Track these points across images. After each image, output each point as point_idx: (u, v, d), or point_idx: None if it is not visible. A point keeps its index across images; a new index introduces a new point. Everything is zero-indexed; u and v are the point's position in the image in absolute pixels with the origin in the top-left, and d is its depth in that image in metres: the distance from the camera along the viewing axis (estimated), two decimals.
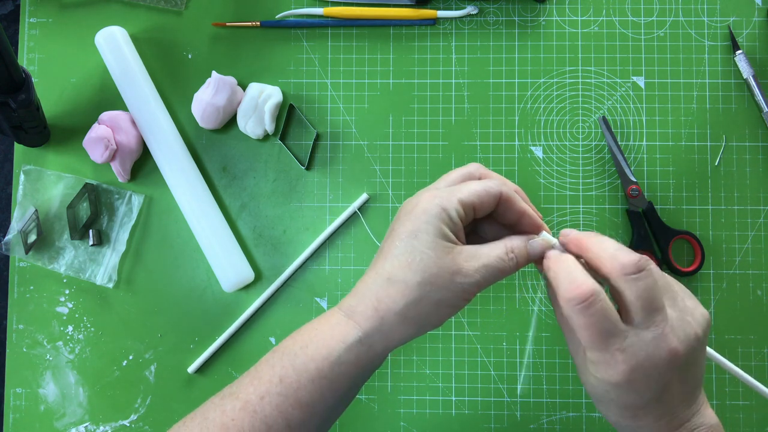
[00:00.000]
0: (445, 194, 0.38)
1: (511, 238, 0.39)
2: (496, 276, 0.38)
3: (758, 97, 0.57)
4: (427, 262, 0.37)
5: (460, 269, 0.37)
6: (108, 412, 0.58)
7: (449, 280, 0.37)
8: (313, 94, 0.60)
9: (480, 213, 0.39)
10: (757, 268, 0.57)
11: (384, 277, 0.37)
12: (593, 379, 0.36)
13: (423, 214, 0.37)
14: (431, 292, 0.37)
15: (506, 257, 0.38)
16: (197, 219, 0.57)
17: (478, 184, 0.39)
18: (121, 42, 0.59)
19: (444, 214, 0.37)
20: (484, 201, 0.38)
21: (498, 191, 0.39)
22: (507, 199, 0.39)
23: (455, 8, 0.60)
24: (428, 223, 0.37)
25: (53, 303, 0.59)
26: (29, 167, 0.60)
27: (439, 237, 0.37)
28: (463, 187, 0.39)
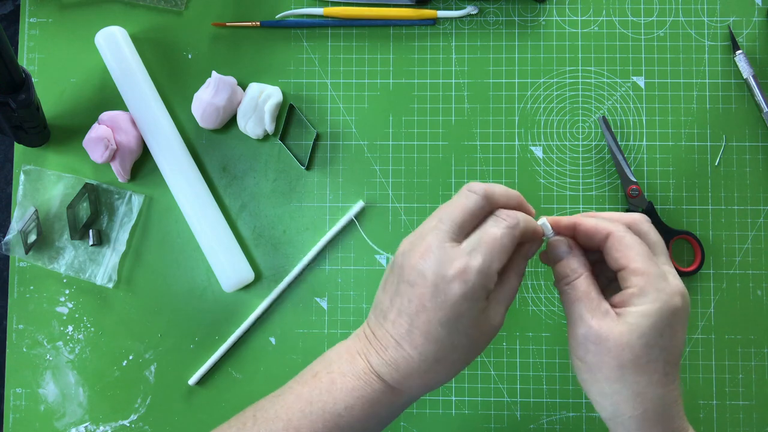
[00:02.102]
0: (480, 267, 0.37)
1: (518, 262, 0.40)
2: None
3: (758, 97, 0.57)
4: (470, 339, 0.38)
5: (493, 325, 0.39)
6: (108, 412, 0.58)
7: (486, 340, 0.39)
8: (313, 94, 0.60)
9: None
10: (757, 268, 0.57)
11: (433, 359, 0.37)
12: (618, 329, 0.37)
13: (462, 300, 0.36)
14: (473, 354, 0.39)
15: (518, 285, 0.40)
16: (197, 219, 0.57)
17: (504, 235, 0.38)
18: (121, 42, 0.59)
19: (484, 292, 0.37)
20: (510, 251, 0.38)
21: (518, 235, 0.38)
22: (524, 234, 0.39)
23: (455, 8, 0.60)
24: (471, 309, 0.37)
25: (53, 303, 0.59)
26: (29, 167, 0.60)
27: (479, 314, 0.37)
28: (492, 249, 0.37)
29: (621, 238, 0.38)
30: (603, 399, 0.38)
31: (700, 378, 0.57)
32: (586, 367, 0.38)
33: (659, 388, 0.37)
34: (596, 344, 0.37)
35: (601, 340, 0.37)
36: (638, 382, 0.37)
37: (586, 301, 0.38)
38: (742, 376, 0.57)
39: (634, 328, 0.36)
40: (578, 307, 0.38)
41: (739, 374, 0.57)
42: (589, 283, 0.39)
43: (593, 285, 0.39)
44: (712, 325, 0.57)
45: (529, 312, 0.58)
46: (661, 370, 0.37)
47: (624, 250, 0.38)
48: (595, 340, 0.37)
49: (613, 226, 0.39)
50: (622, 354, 0.36)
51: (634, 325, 0.36)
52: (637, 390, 0.37)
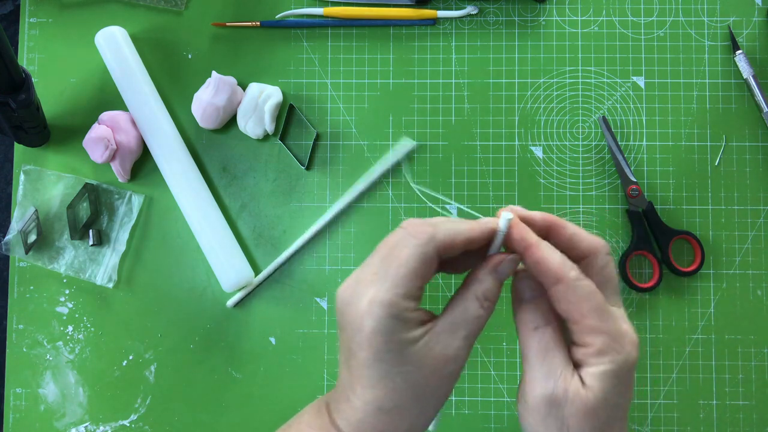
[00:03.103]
0: (384, 295, 0.32)
1: (476, 282, 0.35)
2: (479, 332, 0.34)
3: (758, 97, 0.57)
4: (410, 378, 0.32)
5: (446, 359, 0.33)
6: (108, 412, 0.58)
7: (440, 377, 0.33)
8: (313, 94, 0.60)
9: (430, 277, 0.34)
10: (757, 268, 0.57)
11: (374, 407, 0.33)
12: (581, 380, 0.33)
13: (377, 332, 0.32)
14: (430, 396, 0.33)
15: (483, 311, 0.34)
16: (197, 219, 0.57)
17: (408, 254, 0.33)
18: (121, 42, 0.59)
19: (397, 323, 0.32)
20: (428, 272, 0.33)
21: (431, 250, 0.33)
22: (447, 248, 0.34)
23: (455, 8, 0.60)
24: (389, 342, 0.32)
25: (53, 303, 0.59)
26: (29, 167, 0.60)
27: (407, 347, 0.32)
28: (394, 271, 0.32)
29: (574, 288, 0.33)
30: None
31: (700, 378, 0.57)
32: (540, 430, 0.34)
33: None
34: (557, 408, 0.33)
35: (565, 405, 0.32)
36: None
37: (550, 355, 0.33)
38: (742, 376, 0.57)
39: (597, 392, 0.32)
40: (546, 359, 0.33)
41: (739, 374, 0.57)
42: (557, 338, 0.34)
43: (560, 339, 0.34)
44: (712, 325, 0.57)
45: None
46: (620, 425, 0.34)
47: (577, 302, 0.33)
48: (559, 403, 0.33)
49: (564, 269, 0.33)
50: (585, 421, 0.32)
51: (597, 390, 0.32)
52: None
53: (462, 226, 0.34)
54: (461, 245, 0.34)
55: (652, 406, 0.57)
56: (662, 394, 0.57)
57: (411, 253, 0.33)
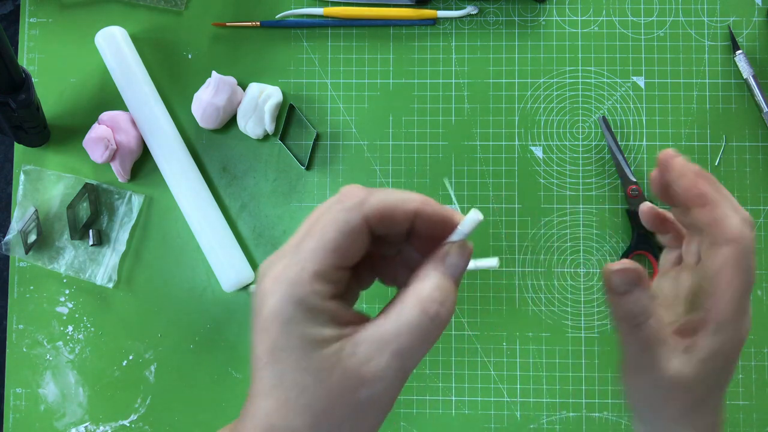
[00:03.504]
0: (290, 271, 0.25)
1: (417, 279, 0.26)
2: (427, 348, 0.25)
3: (758, 97, 0.57)
4: (308, 394, 0.24)
5: (362, 378, 0.24)
6: (108, 412, 0.58)
7: (351, 404, 0.24)
8: (313, 94, 0.60)
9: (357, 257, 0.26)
10: (757, 268, 0.57)
11: (266, 424, 0.26)
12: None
13: (274, 318, 0.25)
14: (334, 429, 0.25)
15: (427, 318, 0.25)
16: (197, 219, 0.57)
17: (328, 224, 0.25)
18: (121, 42, 0.59)
19: (298, 310, 0.25)
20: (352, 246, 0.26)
21: (359, 219, 0.25)
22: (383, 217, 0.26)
23: (455, 8, 0.60)
24: (287, 334, 0.25)
25: (53, 303, 0.59)
26: (29, 167, 0.60)
27: (311, 349, 0.24)
28: (308, 243, 0.25)
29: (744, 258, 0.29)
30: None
31: None
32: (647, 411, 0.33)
33: (715, 417, 0.33)
34: (667, 390, 0.32)
35: (672, 386, 0.31)
36: (702, 420, 0.33)
37: (660, 345, 0.31)
38: (742, 376, 0.57)
39: (705, 369, 0.31)
40: (652, 353, 0.31)
41: (739, 374, 0.57)
42: (660, 320, 0.32)
43: (662, 320, 0.32)
44: None
45: (529, 312, 0.58)
46: (719, 402, 0.33)
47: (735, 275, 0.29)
48: (666, 386, 0.31)
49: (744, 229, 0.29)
50: (688, 397, 0.31)
51: (706, 367, 0.31)
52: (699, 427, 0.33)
53: (410, 196, 0.26)
54: (402, 219, 0.26)
55: None
56: None
57: (332, 218, 0.25)
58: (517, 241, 0.58)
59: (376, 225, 0.26)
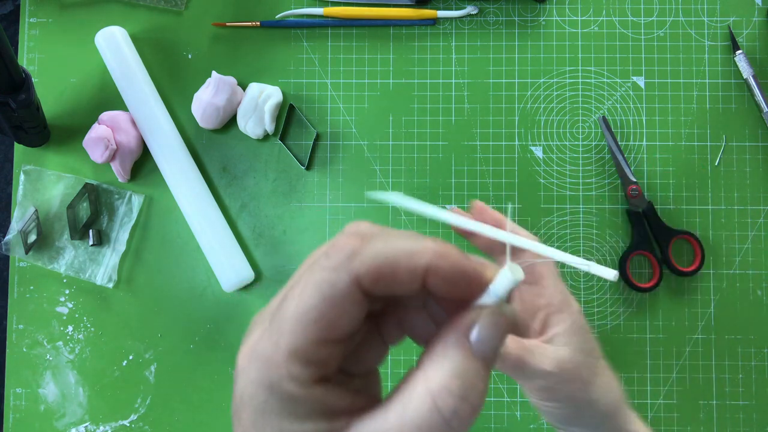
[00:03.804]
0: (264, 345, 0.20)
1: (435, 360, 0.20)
2: None
3: (758, 97, 0.57)
4: None
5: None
6: (108, 412, 0.58)
7: None
8: (313, 94, 0.60)
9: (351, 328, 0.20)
10: (757, 268, 0.57)
11: None
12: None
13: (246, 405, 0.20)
14: None
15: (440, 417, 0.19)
16: (197, 219, 0.57)
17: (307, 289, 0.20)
18: (121, 42, 0.59)
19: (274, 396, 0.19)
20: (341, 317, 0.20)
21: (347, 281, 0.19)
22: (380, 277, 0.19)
23: (455, 8, 0.60)
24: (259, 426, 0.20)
25: (53, 303, 0.59)
26: (29, 167, 0.60)
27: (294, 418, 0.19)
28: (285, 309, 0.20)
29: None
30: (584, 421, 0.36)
31: (700, 378, 0.57)
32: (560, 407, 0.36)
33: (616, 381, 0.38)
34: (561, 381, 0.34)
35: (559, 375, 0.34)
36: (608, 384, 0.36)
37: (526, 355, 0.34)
38: (742, 376, 0.57)
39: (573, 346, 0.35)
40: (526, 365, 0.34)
41: (739, 374, 0.57)
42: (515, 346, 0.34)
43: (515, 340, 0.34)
44: (712, 325, 0.57)
45: None
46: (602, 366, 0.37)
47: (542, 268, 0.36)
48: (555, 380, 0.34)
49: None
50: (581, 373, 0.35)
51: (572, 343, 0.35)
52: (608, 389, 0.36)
53: (420, 245, 0.20)
54: (407, 278, 0.20)
55: (652, 406, 0.57)
56: (662, 394, 0.57)
57: (313, 279, 0.20)
58: None
59: (372, 287, 0.19)
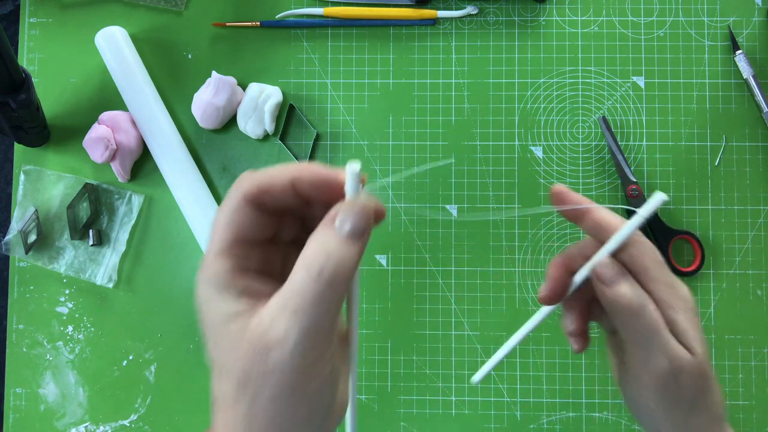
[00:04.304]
0: (204, 260, 0.27)
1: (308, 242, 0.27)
2: (326, 309, 0.25)
3: (758, 97, 0.57)
4: (228, 359, 0.26)
5: (268, 342, 0.25)
6: (108, 412, 0.58)
7: (264, 364, 0.25)
8: (313, 94, 0.60)
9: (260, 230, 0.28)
10: (757, 268, 0.57)
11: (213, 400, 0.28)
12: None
13: (198, 306, 0.28)
14: (257, 393, 0.26)
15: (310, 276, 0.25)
16: (197, 219, 0.57)
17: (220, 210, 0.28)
18: (121, 42, 0.59)
19: (210, 290, 0.27)
20: (241, 222, 0.27)
21: (237, 198, 0.27)
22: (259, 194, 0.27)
23: (455, 8, 0.60)
24: (206, 314, 0.27)
25: (53, 303, 0.59)
26: (29, 167, 0.60)
27: (225, 321, 0.26)
28: (211, 232, 0.28)
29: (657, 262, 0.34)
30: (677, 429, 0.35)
31: None
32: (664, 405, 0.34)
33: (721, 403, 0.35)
34: (674, 380, 0.33)
35: (680, 376, 0.33)
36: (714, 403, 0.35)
37: (665, 329, 0.33)
38: (742, 376, 0.57)
39: (701, 354, 0.33)
40: (659, 338, 0.32)
41: (739, 374, 0.57)
42: (659, 311, 0.33)
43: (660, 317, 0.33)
44: (712, 325, 0.57)
45: (529, 312, 0.58)
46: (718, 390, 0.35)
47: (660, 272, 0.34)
48: (674, 376, 0.33)
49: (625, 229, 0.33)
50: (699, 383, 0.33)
51: (701, 352, 0.33)
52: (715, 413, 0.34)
53: (287, 167, 0.28)
54: (281, 189, 0.27)
55: None
56: None
57: (223, 204, 0.28)
58: (517, 241, 0.58)
59: (259, 199, 0.27)
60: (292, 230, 0.30)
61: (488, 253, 0.58)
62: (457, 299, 0.58)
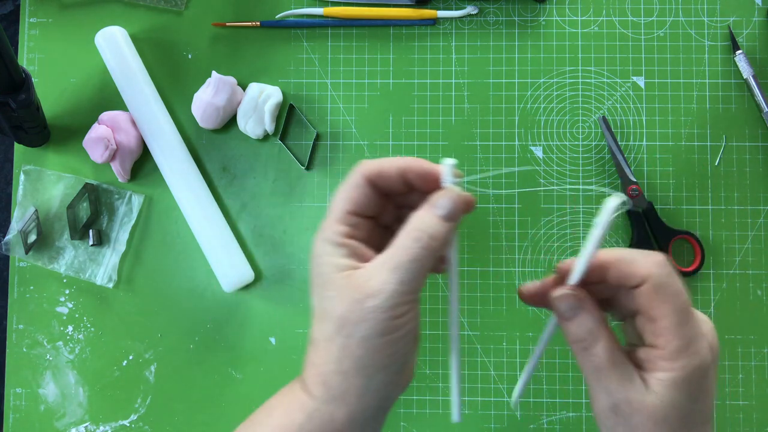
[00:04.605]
0: (324, 224, 0.34)
1: (412, 217, 0.33)
2: (418, 270, 0.32)
3: (758, 97, 0.57)
4: (332, 303, 0.32)
5: (367, 292, 0.31)
6: (108, 412, 0.58)
7: (361, 310, 0.31)
8: (313, 94, 0.60)
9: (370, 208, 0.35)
10: (757, 268, 0.57)
11: (310, 338, 0.34)
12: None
13: (314, 258, 0.34)
14: (351, 333, 0.32)
15: (412, 242, 0.32)
16: (197, 219, 0.57)
17: (342, 186, 0.35)
18: (121, 42, 0.59)
19: (327, 246, 0.33)
20: (358, 197, 0.34)
21: (359, 176, 0.34)
22: (376, 175, 0.34)
23: (455, 8, 0.60)
24: (319, 265, 0.33)
25: (53, 303, 0.59)
26: (29, 167, 0.60)
27: (333, 272, 0.33)
28: (333, 203, 0.35)
29: (660, 287, 0.31)
30: None
31: None
32: None
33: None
34: (627, 418, 0.32)
35: (631, 414, 0.32)
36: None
37: (610, 370, 0.32)
38: (742, 376, 0.57)
39: (665, 400, 0.31)
40: (602, 379, 0.32)
41: (739, 374, 0.57)
42: (611, 346, 0.32)
43: (615, 347, 0.33)
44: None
45: (529, 312, 0.58)
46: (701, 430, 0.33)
47: (659, 303, 0.31)
48: (626, 413, 0.32)
49: (652, 270, 0.32)
50: (656, 429, 0.31)
51: (665, 397, 0.31)
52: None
53: (401, 158, 0.35)
54: (394, 174, 0.34)
55: None
56: None
57: (345, 182, 0.35)
58: (517, 241, 0.58)
59: (375, 180, 0.34)
60: (390, 217, 0.37)
61: (488, 253, 0.58)
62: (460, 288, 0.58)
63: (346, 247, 0.33)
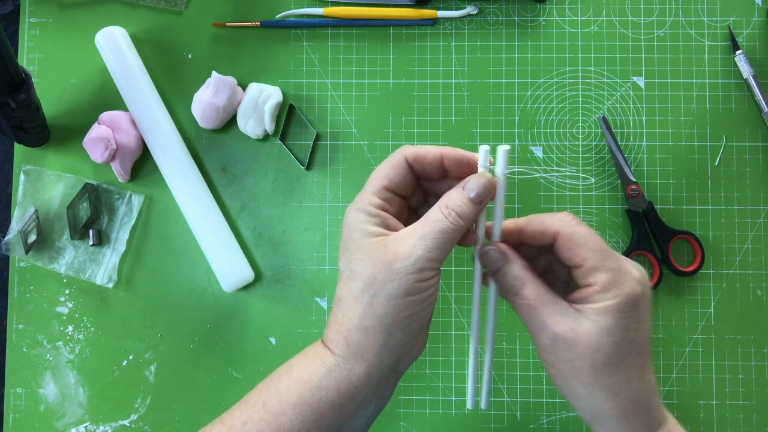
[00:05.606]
0: (359, 196, 0.38)
1: (444, 196, 0.37)
2: (444, 241, 0.35)
3: (758, 97, 0.57)
4: (362, 265, 0.35)
5: (396, 255, 0.35)
6: (108, 412, 0.58)
7: (389, 271, 0.35)
8: (313, 94, 0.60)
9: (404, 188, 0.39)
10: (757, 268, 0.57)
11: (336, 298, 0.37)
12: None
13: (347, 225, 0.37)
14: (378, 292, 0.35)
15: (442, 216, 0.36)
16: (197, 219, 0.57)
17: (383, 164, 0.39)
18: (121, 42, 0.59)
19: (361, 215, 0.37)
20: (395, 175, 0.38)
21: (401, 157, 0.38)
22: (416, 158, 0.38)
23: (455, 8, 0.60)
24: (352, 231, 0.37)
25: (53, 303, 0.59)
26: (29, 167, 0.60)
27: (366, 237, 0.36)
28: (371, 177, 0.39)
29: (571, 235, 0.36)
30: (580, 402, 0.36)
31: (700, 378, 0.57)
32: (559, 373, 0.36)
33: (634, 382, 0.36)
34: (565, 350, 0.35)
35: (569, 345, 0.35)
36: (614, 382, 0.35)
37: (541, 306, 0.36)
38: (742, 376, 0.57)
39: (600, 326, 0.35)
40: (536, 315, 0.36)
41: (739, 374, 0.57)
42: (539, 287, 0.37)
43: (543, 287, 0.37)
44: (712, 325, 0.57)
45: None
46: (635, 364, 0.35)
47: (575, 248, 0.36)
48: (563, 345, 0.35)
49: (560, 223, 0.37)
50: (594, 356, 0.35)
51: (600, 323, 0.35)
52: (613, 390, 0.35)
53: (439, 146, 0.39)
54: (431, 159, 0.38)
55: None
56: (662, 394, 0.57)
57: (385, 161, 0.39)
58: None
59: (413, 162, 0.38)
60: (418, 201, 0.41)
61: None
62: (457, 299, 0.58)
63: (378, 217, 0.37)
